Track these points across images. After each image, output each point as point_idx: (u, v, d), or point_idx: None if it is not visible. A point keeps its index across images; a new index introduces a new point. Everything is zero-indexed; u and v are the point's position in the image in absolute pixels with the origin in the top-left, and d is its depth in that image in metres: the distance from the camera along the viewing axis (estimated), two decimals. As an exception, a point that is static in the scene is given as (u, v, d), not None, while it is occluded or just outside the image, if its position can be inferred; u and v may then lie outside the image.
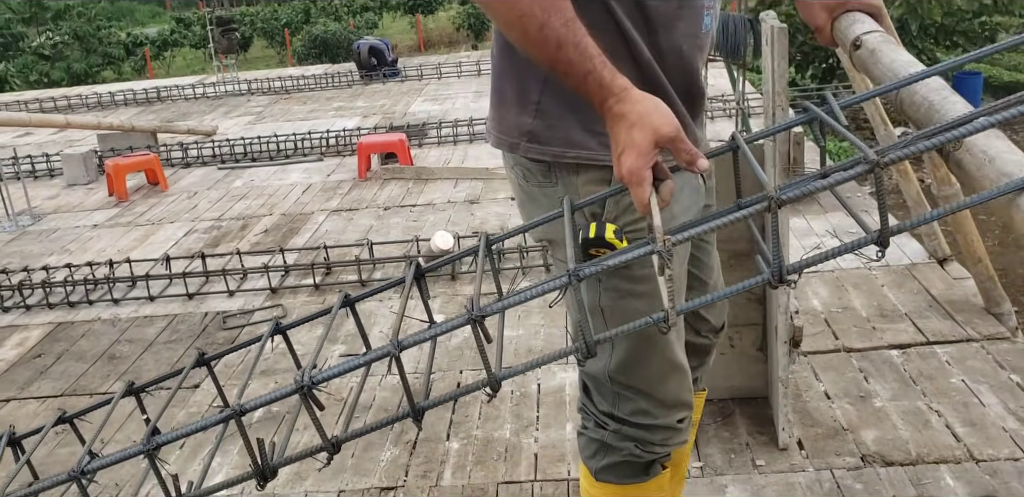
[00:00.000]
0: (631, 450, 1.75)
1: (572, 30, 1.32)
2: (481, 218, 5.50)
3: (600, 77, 1.32)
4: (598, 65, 1.32)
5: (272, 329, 1.70)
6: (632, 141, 1.27)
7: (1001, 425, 2.81)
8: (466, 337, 3.84)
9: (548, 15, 1.31)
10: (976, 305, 3.59)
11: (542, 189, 1.64)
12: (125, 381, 1.75)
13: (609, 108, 1.32)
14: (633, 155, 1.27)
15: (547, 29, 1.31)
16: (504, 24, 1.36)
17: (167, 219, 6.10)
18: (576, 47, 1.31)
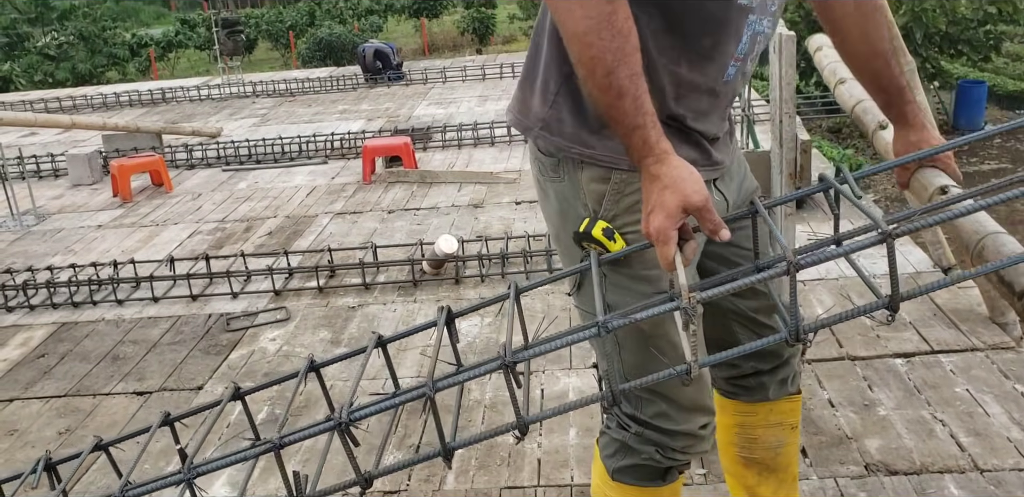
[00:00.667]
0: (651, 454, 1.75)
1: (635, 83, 1.39)
2: (485, 222, 5.50)
3: (647, 135, 1.39)
4: (649, 123, 1.40)
5: (307, 367, 1.76)
6: (663, 203, 1.37)
7: (1006, 435, 2.81)
8: (469, 342, 3.85)
9: (618, 64, 1.37)
10: (981, 314, 3.59)
11: (552, 184, 1.68)
12: (162, 411, 1.85)
13: (647, 166, 1.40)
14: (662, 216, 1.37)
15: (613, 77, 1.38)
16: (576, 58, 1.41)
17: (171, 220, 6.11)
18: (635, 101, 1.39)
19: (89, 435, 3.34)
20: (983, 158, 8.83)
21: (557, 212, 1.69)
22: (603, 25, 1.37)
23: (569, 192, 1.64)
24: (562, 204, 1.66)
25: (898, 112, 1.77)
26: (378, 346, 1.74)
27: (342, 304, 4.37)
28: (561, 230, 1.70)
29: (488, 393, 3.40)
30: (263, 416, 3.36)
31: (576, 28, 1.38)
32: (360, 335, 4.00)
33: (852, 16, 1.72)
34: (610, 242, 1.57)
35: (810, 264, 1.31)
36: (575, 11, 1.38)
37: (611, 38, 1.38)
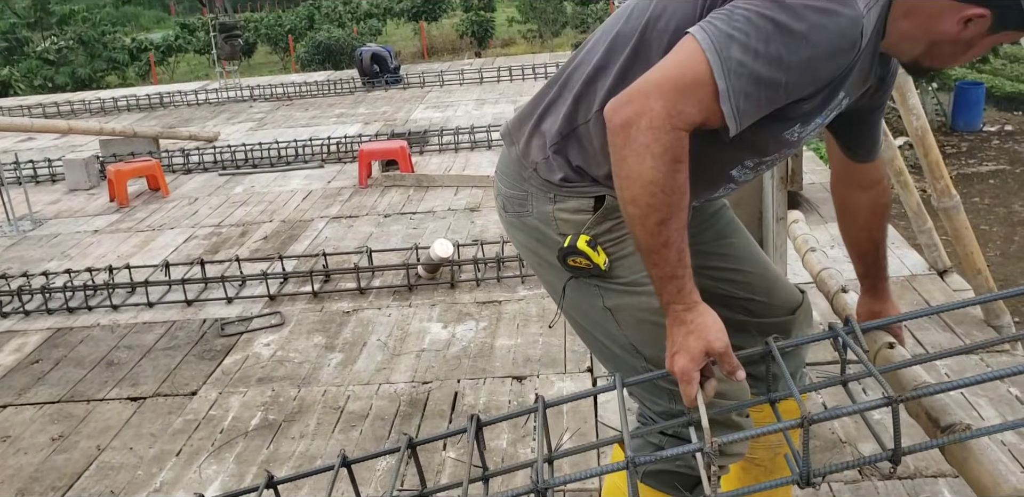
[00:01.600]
0: (687, 460, 1.73)
1: (682, 237, 1.49)
2: (481, 226, 5.50)
3: (682, 286, 1.51)
4: (686, 275, 1.51)
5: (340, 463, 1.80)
6: (687, 346, 1.50)
7: (1000, 439, 2.80)
8: (464, 346, 3.84)
9: (672, 217, 1.47)
10: (976, 317, 3.59)
11: (520, 218, 1.79)
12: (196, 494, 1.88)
13: (676, 311, 1.52)
14: (686, 359, 1.50)
15: (664, 227, 1.47)
16: (630, 199, 1.48)
17: (167, 225, 6.10)
18: (679, 253, 1.50)
19: (83, 441, 3.34)
20: (981, 159, 8.82)
21: (533, 239, 1.78)
22: (668, 179, 1.45)
23: (541, 222, 1.75)
24: (536, 233, 1.77)
25: (871, 285, 1.97)
26: (409, 447, 1.78)
27: (337, 309, 4.36)
28: (541, 254, 1.79)
29: (482, 398, 3.39)
30: (256, 421, 3.35)
31: (643, 175, 1.45)
32: (355, 340, 3.99)
33: (863, 210, 1.92)
34: (593, 252, 1.67)
35: (822, 420, 1.44)
36: (647, 161, 1.44)
37: (671, 192, 1.46)
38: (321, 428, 3.27)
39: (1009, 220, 6.87)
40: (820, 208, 5.23)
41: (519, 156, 1.78)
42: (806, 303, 2.03)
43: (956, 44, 1.54)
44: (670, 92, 1.43)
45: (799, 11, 1.42)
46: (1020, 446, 2.77)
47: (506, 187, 1.81)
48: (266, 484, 1.89)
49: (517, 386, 3.47)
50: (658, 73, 1.47)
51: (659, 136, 1.43)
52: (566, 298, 1.80)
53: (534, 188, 1.75)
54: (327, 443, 3.16)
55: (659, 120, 1.43)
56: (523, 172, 1.77)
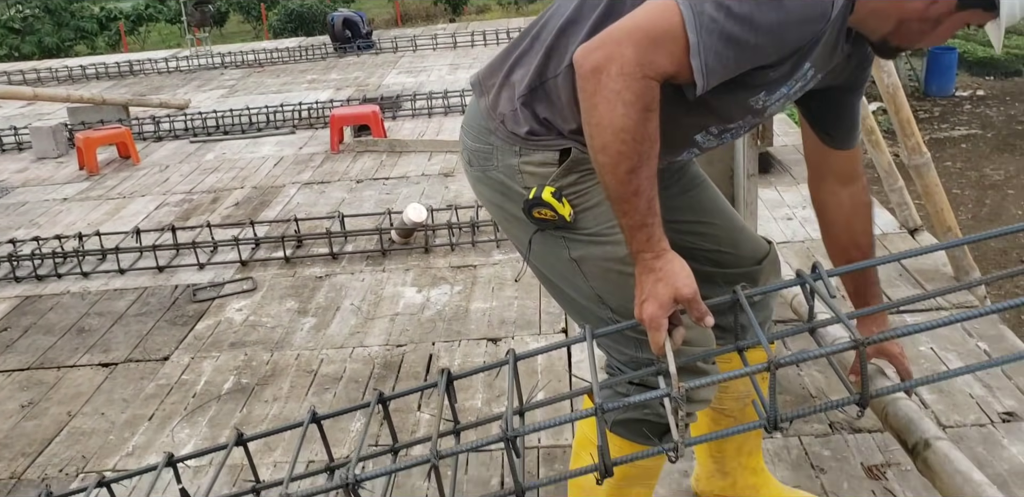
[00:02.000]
0: (655, 408, 1.73)
1: (652, 184, 1.49)
2: (455, 191, 5.47)
3: (652, 234, 1.52)
4: (655, 223, 1.52)
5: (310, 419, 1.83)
6: (656, 293, 1.50)
7: (968, 392, 2.83)
8: (439, 310, 3.83)
9: (642, 165, 1.47)
10: (946, 274, 3.61)
11: (485, 173, 1.78)
12: (166, 452, 1.89)
13: (645, 259, 1.53)
14: (655, 306, 1.50)
15: (634, 175, 1.47)
16: (600, 146, 1.48)
17: (138, 192, 6.03)
18: (648, 201, 1.50)
19: (54, 407, 3.31)
20: (953, 124, 8.86)
21: (498, 193, 1.77)
22: (639, 127, 1.44)
23: (506, 176, 1.73)
24: (500, 187, 1.76)
25: (864, 304, 1.91)
26: (380, 403, 1.82)
27: (309, 274, 4.34)
28: (506, 208, 1.78)
29: (457, 360, 3.39)
30: (228, 385, 3.34)
31: (614, 122, 1.44)
32: (328, 304, 3.97)
33: (843, 207, 1.87)
34: (559, 204, 1.66)
35: (789, 363, 1.46)
36: (618, 108, 1.43)
37: (643, 140, 1.45)
38: (294, 391, 3.26)
39: (980, 183, 6.92)
40: (792, 169, 5.24)
41: (487, 107, 1.76)
42: (773, 253, 2.03)
43: (924, 21, 1.53)
44: (642, 40, 1.42)
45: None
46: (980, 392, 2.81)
47: (472, 141, 1.80)
48: (236, 441, 1.90)
49: (492, 348, 3.47)
50: (630, 22, 1.45)
51: (630, 83, 1.41)
52: (532, 251, 1.79)
53: (500, 141, 1.73)
54: (300, 406, 3.15)
55: (630, 67, 1.41)
56: (490, 124, 1.75)
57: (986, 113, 9.17)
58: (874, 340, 1.45)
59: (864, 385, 1.48)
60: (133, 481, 2.69)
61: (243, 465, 2.82)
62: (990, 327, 3.23)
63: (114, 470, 2.87)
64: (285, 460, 2.84)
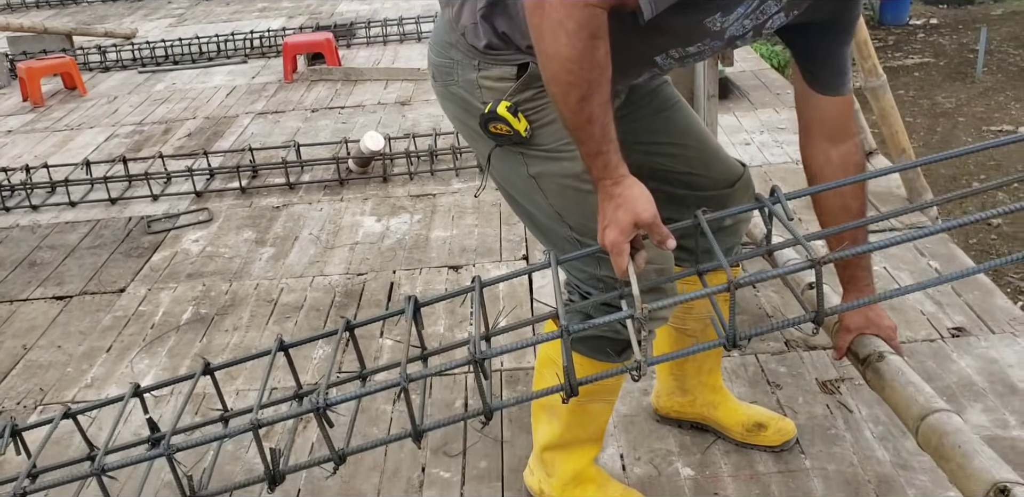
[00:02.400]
0: (614, 325, 1.72)
1: (605, 111, 1.49)
2: (413, 120, 5.39)
3: (608, 160, 1.52)
4: (612, 150, 1.52)
5: (277, 347, 1.90)
6: (616, 219, 1.52)
7: (919, 309, 2.89)
8: (399, 239, 3.81)
9: (592, 92, 1.46)
10: (899, 196, 3.65)
11: (448, 87, 1.78)
12: (132, 383, 1.92)
13: (604, 186, 1.54)
14: (616, 231, 1.52)
15: (586, 103, 1.47)
16: (550, 77, 1.48)
17: (86, 124, 5.87)
18: (603, 128, 1.50)
19: (8, 341, 3.28)
20: (907, 52, 8.85)
21: (460, 108, 1.78)
22: (586, 55, 1.43)
23: (465, 91, 1.73)
24: (461, 102, 1.76)
25: (851, 275, 1.87)
26: (347, 330, 1.90)
27: (266, 204, 4.28)
28: (468, 124, 1.78)
29: (418, 287, 3.39)
30: (187, 316, 3.31)
31: (559, 52, 1.43)
32: (286, 234, 3.93)
33: (833, 166, 1.79)
34: (514, 119, 1.66)
35: (748, 283, 1.54)
36: (561, 38, 1.42)
37: (591, 69, 1.44)
38: (255, 320, 3.25)
39: (932, 112, 6.95)
40: (750, 95, 5.23)
41: (450, 20, 1.73)
42: (746, 176, 2.02)
43: None
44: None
45: None
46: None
47: (435, 55, 1.78)
48: (203, 371, 1.90)
49: (453, 275, 3.47)
50: None
51: (572, 12, 1.40)
52: (493, 167, 1.80)
53: (460, 54, 1.72)
54: (261, 334, 3.15)
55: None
56: (451, 37, 1.73)
57: (939, 41, 9.16)
58: (829, 259, 1.48)
59: (819, 303, 1.51)
60: (98, 412, 2.69)
61: (206, 394, 2.82)
62: (941, 246, 3.28)
63: (74, 402, 2.86)
64: (248, 388, 2.85)
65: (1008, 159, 5.75)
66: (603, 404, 2.00)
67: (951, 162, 5.75)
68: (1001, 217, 5.00)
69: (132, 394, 1.87)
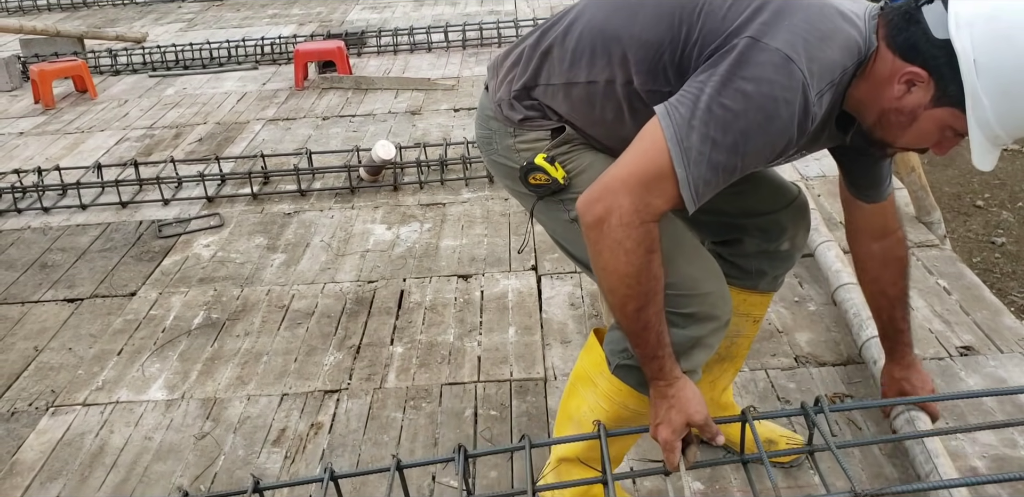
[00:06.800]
0: None
1: (659, 319, 1.60)
2: (423, 129, 5.42)
3: (663, 364, 1.64)
4: (667, 355, 1.63)
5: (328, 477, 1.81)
6: (670, 420, 1.65)
7: (927, 327, 2.91)
8: (409, 247, 3.83)
9: (648, 302, 1.58)
10: (907, 214, 3.67)
11: (491, 155, 1.91)
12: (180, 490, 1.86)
13: (659, 387, 1.66)
14: (668, 431, 1.65)
15: (642, 313, 1.58)
16: (609, 289, 1.59)
17: (97, 127, 5.90)
18: (658, 335, 1.61)
19: (19, 342, 3.29)
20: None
21: (503, 174, 1.91)
22: (642, 271, 1.54)
23: (505, 157, 1.86)
24: (503, 168, 1.88)
25: (891, 347, 2.08)
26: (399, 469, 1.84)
27: (277, 210, 4.30)
28: (512, 186, 1.89)
29: (428, 296, 3.41)
30: (199, 320, 3.34)
31: (618, 269, 1.55)
32: (297, 241, 3.95)
33: (876, 261, 1.99)
34: (551, 167, 1.76)
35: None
36: (620, 256, 1.53)
37: (647, 281, 1.56)
38: (266, 326, 3.26)
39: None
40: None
41: (492, 91, 1.88)
42: (802, 198, 2.09)
43: (901, 113, 1.55)
44: (635, 187, 1.51)
45: (755, 99, 1.46)
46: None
47: (477, 128, 1.93)
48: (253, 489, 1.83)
49: (463, 284, 3.49)
50: (624, 169, 1.54)
51: (630, 232, 1.52)
52: (538, 220, 1.91)
53: (498, 124, 1.85)
54: (273, 340, 3.16)
55: (628, 216, 1.51)
56: (488, 111, 1.87)
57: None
58: (872, 493, 1.56)
59: None
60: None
61: (217, 399, 2.84)
62: (949, 265, 3.30)
63: (85, 404, 2.87)
64: (259, 393, 2.86)
65: (1012, 178, 5.78)
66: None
67: (956, 180, 5.78)
68: (1005, 236, 5.03)
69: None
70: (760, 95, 1.46)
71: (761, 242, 2.04)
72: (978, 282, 3.17)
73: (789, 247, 2.06)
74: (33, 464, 2.61)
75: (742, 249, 2.03)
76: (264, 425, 2.70)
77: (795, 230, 2.06)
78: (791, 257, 2.10)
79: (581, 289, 3.35)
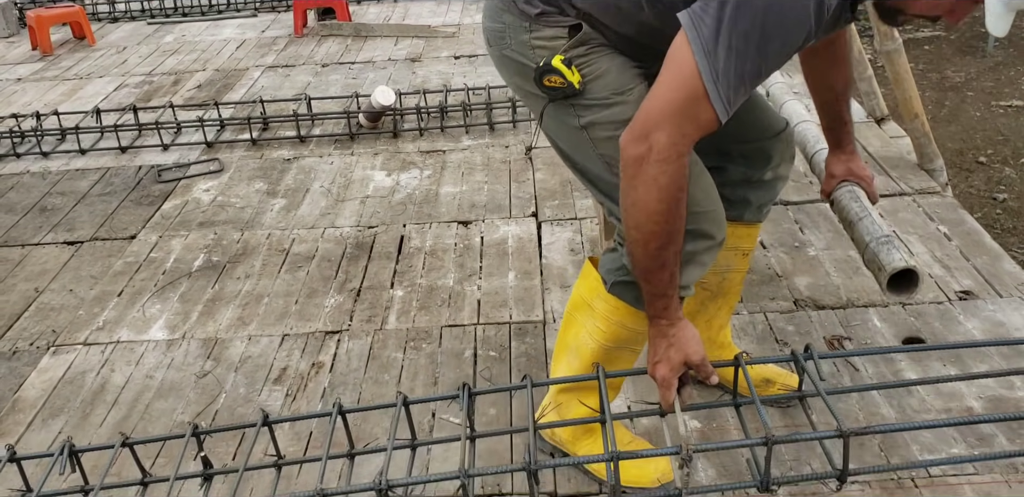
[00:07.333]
0: None
1: (676, 260, 1.66)
2: (423, 76, 5.37)
3: (669, 303, 1.69)
4: (674, 295, 1.69)
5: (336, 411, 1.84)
6: (668, 358, 1.70)
7: (928, 272, 2.92)
8: (408, 193, 3.82)
9: (671, 242, 1.62)
10: (910, 162, 3.66)
11: (502, 50, 1.85)
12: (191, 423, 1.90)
13: (660, 325, 1.71)
14: (666, 368, 1.70)
15: (663, 251, 1.63)
16: (635, 225, 1.62)
17: (95, 74, 5.84)
18: (671, 275, 1.66)
19: (20, 283, 3.30)
20: (918, 25, 8.77)
21: (514, 71, 1.86)
22: (672, 208, 1.58)
23: (519, 53, 1.81)
24: (516, 65, 1.84)
25: (837, 138, 2.10)
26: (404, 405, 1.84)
27: (277, 156, 4.28)
28: (523, 86, 1.86)
29: (428, 241, 3.41)
30: (199, 263, 3.34)
31: (648, 205, 1.58)
32: (297, 186, 3.94)
33: (823, 59, 2.01)
34: (568, 71, 1.74)
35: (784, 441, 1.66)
36: (653, 193, 1.57)
37: (674, 220, 1.60)
38: (267, 269, 3.27)
39: (941, 85, 6.91)
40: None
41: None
42: (788, 131, 2.09)
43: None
44: (672, 116, 1.54)
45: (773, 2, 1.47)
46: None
47: (488, 21, 1.87)
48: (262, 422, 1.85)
49: (463, 230, 3.49)
50: (661, 99, 1.56)
51: (665, 168, 1.55)
52: (545, 124, 1.90)
53: (512, 18, 1.80)
54: (273, 282, 3.17)
55: (665, 151, 1.54)
56: (501, 3, 1.82)
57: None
58: (857, 431, 1.62)
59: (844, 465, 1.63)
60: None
61: (218, 339, 2.86)
62: (950, 211, 3.30)
63: (86, 344, 2.89)
64: (260, 334, 2.88)
65: (1016, 134, 5.74)
66: (629, 353, 2.04)
67: (959, 136, 5.74)
68: (1007, 192, 5.01)
69: (191, 433, 1.87)
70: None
71: (745, 170, 2.05)
72: (979, 228, 3.16)
73: (772, 176, 2.08)
74: (35, 401, 2.63)
75: (726, 177, 2.03)
76: (265, 364, 2.72)
77: (779, 159, 2.08)
78: (774, 187, 2.12)
79: (581, 235, 3.34)
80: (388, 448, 1.71)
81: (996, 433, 2.20)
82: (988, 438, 2.19)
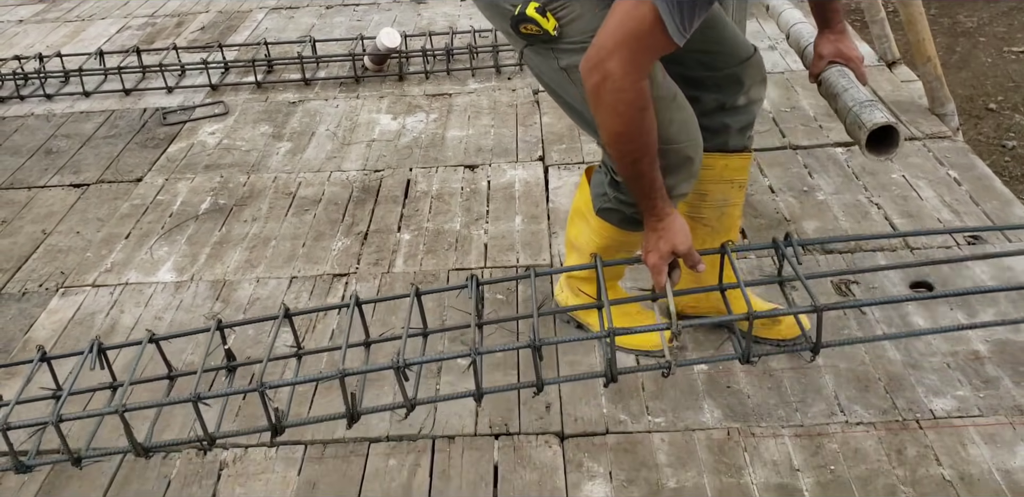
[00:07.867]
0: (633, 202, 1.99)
1: (652, 167, 1.78)
2: (429, 18, 5.30)
3: (654, 204, 1.85)
4: (658, 196, 1.84)
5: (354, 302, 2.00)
6: (658, 248, 1.88)
7: (936, 216, 2.91)
8: (415, 137, 3.80)
9: (642, 155, 1.76)
10: (921, 106, 3.62)
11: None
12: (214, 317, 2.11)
13: (649, 221, 1.89)
14: (656, 256, 1.89)
15: (638, 164, 1.78)
16: (606, 142, 1.79)
17: (97, 15, 5.77)
18: (651, 182, 1.81)
19: (27, 225, 3.30)
20: None
21: (493, 13, 1.92)
22: (635, 127, 1.70)
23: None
24: (495, 9, 1.90)
25: (825, 17, 2.10)
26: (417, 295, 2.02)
27: (282, 99, 4.24)
28: (500, 25, 1.92)
29: (435, 185, 3.40)
30: (206, 206, 3.34)
31: (614, 128, 1.72)
32: (303, 130, 3.91)
33: None
34: (543, 18, 1.80)
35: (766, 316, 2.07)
36: (615, 118, 1.70)
37: (640, 137, 1.72)
38: (274, 212, 3.26)
39: (952, 31, 6.79)
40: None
41: None
42: (757, 57, 2.10)
43: None
44: (625, 48, 1.60)
45: None
46: (955, 224, 2.88)
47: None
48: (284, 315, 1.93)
49: (469, 174, 3.47)
50: (612, 29, 1.60)
51: (621, 96, 1.65)
52: (527, 62, 1.96)
53: None
54: (280, 225, 3.17)
55: (619, 81, 1.62)
56: None
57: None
58: (830, 307, 1.79)
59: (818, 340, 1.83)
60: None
61: (227, 281, 2.87)
62: (961, 156, 3.27)
63: (95, 285, 2.90)
64: (268, 276, 2.89)
65: (1028, 79, 5.67)
66: (624, 254, 2.23)
67: (969, 82, 5.66)
68: (1016, 139, 4.97)
69: (216, 327, 1.99)
70: None
71: (719, 97, 2.07)
72: (989, 173, 3.14)
73: (746, 101, 2.11)
74: (45, 342, 2.65)
75: (701, 107, 2.05)
76: (273, 306, 2.73)
77: (750, 82, 2.09)
78: (750, 110, 2.14)
79: (589, 178, 3.33)
80: (404, 336, 1.86)
81: (1001, 375, 2.22)
82: (993, 380, 2.20)
